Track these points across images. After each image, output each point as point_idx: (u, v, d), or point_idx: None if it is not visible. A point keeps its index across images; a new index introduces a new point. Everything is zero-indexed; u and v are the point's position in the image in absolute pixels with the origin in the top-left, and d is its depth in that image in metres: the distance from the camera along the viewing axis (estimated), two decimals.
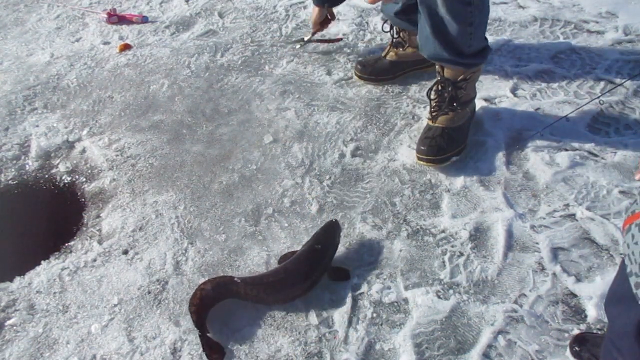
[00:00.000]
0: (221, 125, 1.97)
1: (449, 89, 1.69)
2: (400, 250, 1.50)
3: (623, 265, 0.81)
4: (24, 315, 1.42)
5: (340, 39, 2.31)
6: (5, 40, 2.55)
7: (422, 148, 1.69)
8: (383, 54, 2.09)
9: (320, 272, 1.40)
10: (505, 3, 2.46)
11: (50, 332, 1.38)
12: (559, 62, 2.11)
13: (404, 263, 1.47)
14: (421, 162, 1.71)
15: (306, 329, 1.34)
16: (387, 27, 2.11)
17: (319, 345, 1.31)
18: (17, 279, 1.51)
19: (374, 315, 1.36)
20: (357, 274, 1.45)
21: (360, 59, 2.16)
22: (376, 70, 2.07)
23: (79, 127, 2.00)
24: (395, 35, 2.04)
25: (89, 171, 1.84)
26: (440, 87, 1.71)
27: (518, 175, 1.68)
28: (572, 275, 1.41)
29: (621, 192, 1.60)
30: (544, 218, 1.56)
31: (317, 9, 2.09)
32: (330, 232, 1.47)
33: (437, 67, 1.72)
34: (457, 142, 1.72)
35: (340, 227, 1.50)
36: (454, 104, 1.70)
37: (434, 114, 1.73)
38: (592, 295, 1.36)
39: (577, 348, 1.27)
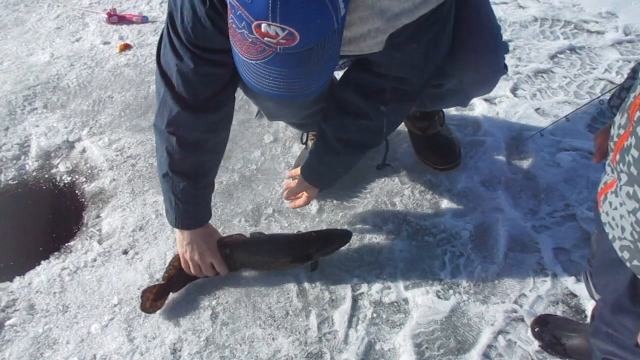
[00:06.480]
0: None
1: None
2: (400, 250, 1.50)
3: (602, 238, 0.82)
4: (24, 315, 1.42)
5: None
6: (5, 40, 2.54)
7: (439, 159, 1.68)
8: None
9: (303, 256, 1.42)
10: (505, 3, 2.46)
11: (50, 332, 1.38)
12: (559, 62, 2.11)
13: (404, 263, 1.47)
14: (442, 172, 1.68)
15: (306, 329, 1.34)
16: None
17: (319, 345, 1.31)
18: (17, 279, 1.51)
19: (374, 315, 1.36)
20: (357, 274, 1.45)
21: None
22: None
23: (79, 127, 2.00)
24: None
25: (89, 171, 1.84)
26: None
27: (518, 175, 1.68)
28: (572, 275, 1.41)
29: None
30: (545, 218, 1.56)
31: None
32: (334, 237, 1.46)
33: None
34: (455, 139, 1.73)
35: (348, 239, 1.47)
36: (435, 119, 1.69)
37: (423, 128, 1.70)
38: None
39: (537, 329, 1.27)
